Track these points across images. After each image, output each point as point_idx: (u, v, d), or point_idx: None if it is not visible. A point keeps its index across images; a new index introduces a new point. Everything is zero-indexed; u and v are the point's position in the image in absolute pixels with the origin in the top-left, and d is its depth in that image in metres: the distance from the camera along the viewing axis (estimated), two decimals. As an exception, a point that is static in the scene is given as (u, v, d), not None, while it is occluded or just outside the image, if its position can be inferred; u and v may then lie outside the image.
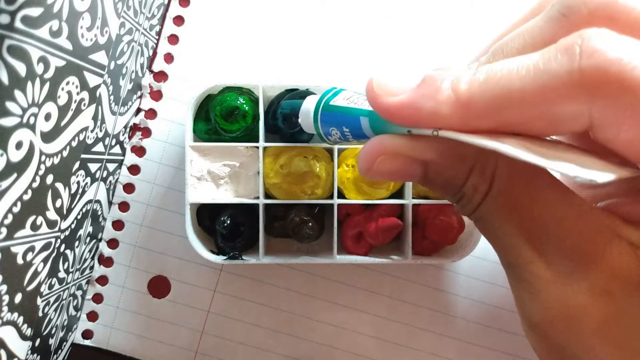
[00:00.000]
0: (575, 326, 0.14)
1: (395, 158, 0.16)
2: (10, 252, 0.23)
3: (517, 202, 0.15)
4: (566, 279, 0.14)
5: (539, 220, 0.14)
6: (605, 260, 0.14)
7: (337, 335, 0.36)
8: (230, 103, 0.31)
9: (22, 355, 0.26)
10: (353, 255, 0.33)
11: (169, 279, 0.35)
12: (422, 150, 0.15)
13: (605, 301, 0.14)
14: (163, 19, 0.36)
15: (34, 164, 0.23)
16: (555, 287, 0.14)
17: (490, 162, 0.15)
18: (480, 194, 0.15)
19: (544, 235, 0.14)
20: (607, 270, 0.14)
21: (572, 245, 0.14)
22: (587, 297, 0.14)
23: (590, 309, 0.14)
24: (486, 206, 0.15)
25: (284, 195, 0.32)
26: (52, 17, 0.21)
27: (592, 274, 0.14)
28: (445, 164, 0.15)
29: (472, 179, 0.15)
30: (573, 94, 0.12)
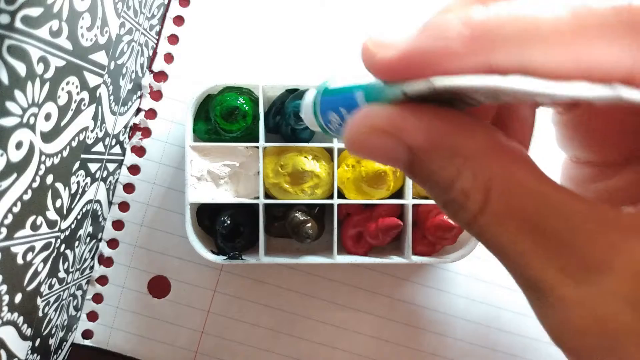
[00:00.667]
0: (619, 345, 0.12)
1: (380, 134, 0.14)
2: (10, 252, 0.23)
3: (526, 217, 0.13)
4: (601, 298, 0.12)
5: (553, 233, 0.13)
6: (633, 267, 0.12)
7: (337, 335, 0.36)
8: (230, 103, 0.31)
9: (22, 355, 0.26)
10: (353, 255, 0.33)
11: (169, 279, 0.35)
12: (408, 131, 0.13)
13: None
14: (163, 19, 0.36)
15: (34, 164, 0.23)
16: (591, 310, 0.12)
17: (485, 167, 0.13)
18: (475, 204, 0.13)
19: (560, 248, 0.13)
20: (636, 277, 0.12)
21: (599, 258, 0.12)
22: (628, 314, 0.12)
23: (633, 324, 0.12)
24: (487, 220, 0.13)
25: (284, 195, 0.32)
26: (52, 17, 0.21)
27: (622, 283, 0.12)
28: (431, 153, 0.13)
29: (461, 182, 0.13)
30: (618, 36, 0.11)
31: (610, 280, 0.12)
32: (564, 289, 0.13)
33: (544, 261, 0.13)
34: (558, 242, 0.13)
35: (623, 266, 0.12)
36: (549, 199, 0.13)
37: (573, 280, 0.13)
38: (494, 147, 0.13)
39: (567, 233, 0.13)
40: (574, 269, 0.13)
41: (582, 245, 0.12)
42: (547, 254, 0.13)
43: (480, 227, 0.13)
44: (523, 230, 0.13)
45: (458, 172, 0.13)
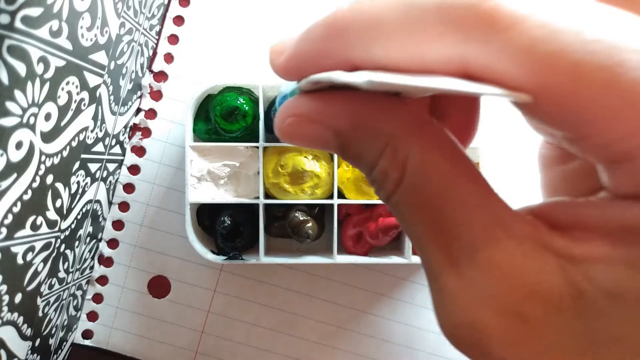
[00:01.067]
0: (484, 347, 0.12)
1: (306, 122, 0.14)
2: (10, 252, 0.23)
3: (430, 199, 0.13)
4: (476, 295, 0.12)
5: (452, 223, 0.13)
6: (522, 276, 0.12)
7: (337, 335, 0.36)
8: (230, 103, 0.31)
9: (22, 355, 0.26)
10: (353, 255, 0.33)
11: (169, 279, 0.35)
12: (332, 115, 0.14)
13: (516, 323, 0.12)
14: (163, 19, 0.36)
15: (34, 164, 0.23)
16: (464, 303, 0.12)
17: (402, 147, 0.13)
18: (391, 182, 0.13)
19: (456, 241, 0.12)
20: (523, 289, 0.12)
21: (486, 257, 0.12)
22: (496, 317, 0.12)
23: (499, 330, 0.12)
24: (398, 198, 0.13)
25: (284, 195, 0.32)
26: (52, 17, 0.21)
27: (503, 292, 0.12)
28: (355, 137, 0.14)
29: (382, 162, 0.13)
30: (442, 32, 0.11)
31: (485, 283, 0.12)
32: (446, 279, 0.13)
33: (435, 247, 0.13)
34: (451, 231, 0.13)
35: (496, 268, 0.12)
36: (453, 186, 0.13)
37: (456, 272, 0.13)
38: (414, 127, 0.13)
39: (460, 224, 0.12)
40: (459, 260, 0.12)
41: (470, 239, 0.12)
42: (439, 240, 0.13)
43: (393, 205, 0.14)
44: (424, 213, 0.13)
45: (380, 152, 0.13)
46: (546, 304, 0.11)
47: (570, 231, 0.12)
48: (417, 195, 0.13)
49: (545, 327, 0.12)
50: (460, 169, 0.13)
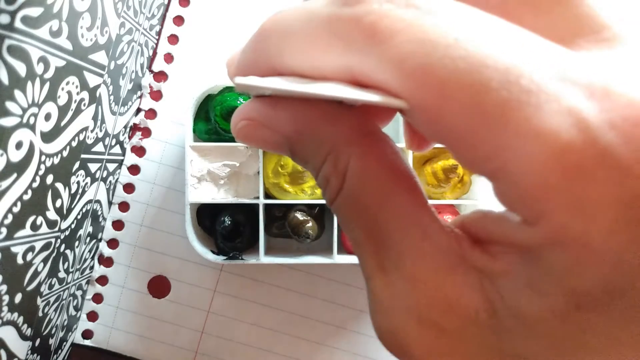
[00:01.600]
0: (407, 354, 0.13)
1: (256, 127, 0.15)
2: (10, 252, 0.23)
3: (366, 209, 0.13)
4: (401, 304, 0.13)
5: (384, 234, 0.13)
6: (443, 290, 0.12)
7: (337, 335, 0.36)
8: (230, 103, 0.31)
9: (22, 355, 0.26)
10: (353, 255, 0.33)
11: (169, 279, 0.35)
12: (278, 121, 0.14)
13: (435, 335, 0.12)
14: (163, 19, 0.36)
15: (34, 164, 0.23)
16: (389, 310, 0.13)
17: (344, 156, 0.13)
18: (332, 189, 0.14)
19: (387, 251, 0.13)
20: (443, 302, 0.12)
21: (411, 269, 0.12)
22: (417, 327, 0.12)
23: (419, 339, 0.12)
24: (338, 204, 0.14)
25: (284, 195, 0.32)
26: (52, 17, 0.21)
27: (423, 303, 0.12)
28: (301, 141, 0.14)
29: (324, 169, 0.14)
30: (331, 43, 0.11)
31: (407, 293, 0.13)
32: (376, 284, 0.13)
33: (369, 253, 0.13)
34: (383, 240, 0.13)
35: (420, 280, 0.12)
36: (388, 197, 0.13)
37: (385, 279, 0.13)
38: (355, 136, 0.14)
39: (391, 234, 0.13)
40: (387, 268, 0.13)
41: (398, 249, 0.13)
42: (372, 247, 0.13)
43: (334, 210, 0.14)
44: (361, 220, 0.13)
45: (323, 159, 0.14)
46: (463, 318, 0.12)
47: (488, 246, 0.12)
48: (354, 203, 0.13)
49: (462, 340, 0.12)
50: (396, 181, 0.13)
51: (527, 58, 0.10)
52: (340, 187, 0.14)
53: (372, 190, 0.13)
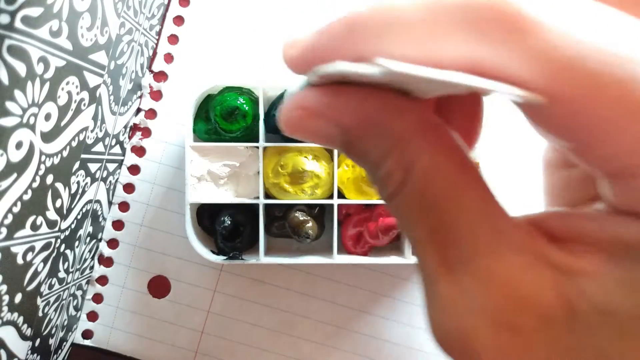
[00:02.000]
0: (472, 356, 0.12)
1: (313, 116, 0.14)
2: (10, 252, 0.23)
3: (432, 204, 0.13)
4: (470, 303, 0.12)
5: (452, 230, 0.12)
6: (517, 287, 0.12)
7: (337, 336, 0.36)
8: (230, 103, 0.31)
9: (22, 355, 0.26)
10: (353, 255, 0.33)
11: (169, 279, 0.35)
12: (339, 111, 0.14)
13: (508, 334, 0.12)
14: (163, 19, 0.36)
15: (34, 164, 0.23)
16: (456, 310, 0.12)
17: (412, 148, 0.13)
18: (394, 184, 0.13)
19: (454, 248, 0.12)
20: (517, 300, 0.12)
21: (482, 266, 0.12)
22: (489, 326, 0.12)
23: (490, 339, 0.12)
24: (400, 201, 0.13)
25: (284, 195, 0.32)
26: (52, 17, 0.21)
27: (498, 302, 0.12)
28: (362, 135, 0.14)
29: (388, 162, 0.13)
30: (460, 31, 0.11)
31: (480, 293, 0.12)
32: (441, 284, 0.13)
33: (433, 252, 0.13)
34: (450, 238, 0.13)
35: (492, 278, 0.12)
36: (457, 193, 0.13)
37: (452, 278, 0.13)
38: (423, 129, 0.13)
39: (460, 231, 0.12)
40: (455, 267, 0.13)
41: (468, 247, 0.12)
42: (438, 245, 0.13)
43: (394, 206, 0.14)
44: (425, 217, 0.13)
45: (386, 152, 0.13)
46: (539, 316, 0.11)
47: (567, 244, 0.12)
48: (419, 199, 0.13)
49: (536, 339, 0.12)
50: (466, 175, 0.13)
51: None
52: (403, 182, 0.13)
53: (441, 186, 0.13)
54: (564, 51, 0.10)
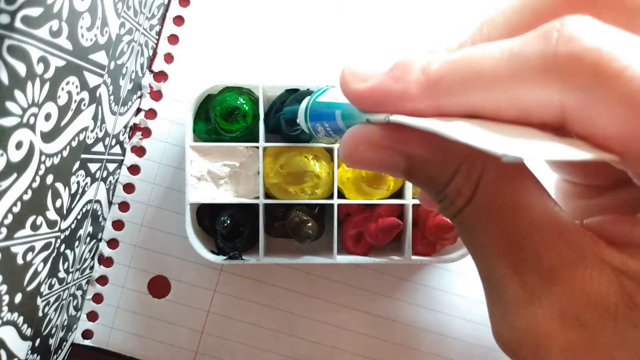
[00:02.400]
0: (542, 351, 0.13)
1: (377, 148, 0.15)
2: (10, 252, 0.23)
3: (499, 212, 0.14)
4: (538, 302, 0.13)
5: (519, 235, 0.13)
6: (582, 285, 0.13)
7: (337, 335, 0.36)
8: (230, 103, 0.31)
9: (22, 355, 0.26)
10: (353, 255, 0.33)
11: (169, 279, 0.35)
12: (406, 142, 0.15)
13: (576, 329, 0.13)
14: (163, 19, 0.36)
15: (34, 164, 0.23)
16: (525, 309, 0.13)
17: (478, 165, 0.14)
18: (463, 198, 0.14)
19: (521, 251, 0.13)
20: (583, 297, 0.13)
21: (549, 266, 0.13)
22: (557, 323, 0.13)
23: (559, 335, 0.13)
24: (468, 213, 0.14)
25: (284, 195, 0.32)
26: (52, 17, 0.21)
27: (566, 299, 0.13)
28: (430, 160, 0.15)
29: (456, 181, 0.14)
30: (545, 80, 0.11)
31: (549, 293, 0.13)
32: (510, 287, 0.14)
33: (501, 258, 0.14)
34: (518, 243, 0.13)
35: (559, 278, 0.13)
36: (522, 201, 0.14)
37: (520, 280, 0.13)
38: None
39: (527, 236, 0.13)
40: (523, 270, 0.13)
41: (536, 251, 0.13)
42: (505, 251, 0.14)
43: (460, 220, 0.15)
44: (493, 226, 0.14)
45: (454, 172, 0.14)
46: (603, 312, 0.12)
47: (626, 247, 0.13)
48: (487, 210, 0.14)
49: (602, 333, 0.12)
50: (528, 184, 0.14)
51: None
52: (472, 196, 0.14)
53: (507, 196, 0.14)
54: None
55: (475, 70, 0.12)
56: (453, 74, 0.13)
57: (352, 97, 0.15)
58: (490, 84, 0.12)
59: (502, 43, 0.12)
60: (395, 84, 0.14)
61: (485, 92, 0.12)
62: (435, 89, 0.13)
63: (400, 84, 0.14)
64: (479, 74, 0.12)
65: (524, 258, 0.13)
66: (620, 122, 0.11)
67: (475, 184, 0.14)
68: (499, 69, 0.12)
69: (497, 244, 0.14)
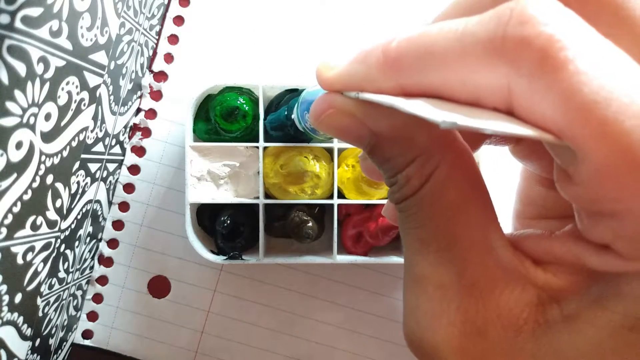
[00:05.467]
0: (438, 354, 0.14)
1: (347, 116, 0.15)
2: (10, 252, 0.23)
3: (439, 213, 0.14)
4: (446, 306, 0.14)
5: (450, 241, 0.14)
6: (497, 300, 0.13)
7: (337, 335, 0.36)
8: (230, 103, 0.31)
9: (22, 355, 0.26)
10: (353, 255, 0.33)
11: (169, 279, 0.35)
12: (374, 118, 0.15)
13: (474, 339, 0.13)
14: (163, 19, 0.36)
15: (34, 164, 0.23)
16: (434, 310, 0.14)
17: (433, 161, 0.14)
18: (410, 188, 0.14)
19: (448, 257, 0.14)
20: (493, 311, 0.13)
21: (470, 278, 0.13)
22: (457, 331, 0.13)
23: (456, 342, 0.13)
24: (411, 203, 0.14)
25: (284, 195, 0.32)
26: (52, 17, 0.21)
27: (473, 311, 0.13)
28: (392, 142, 0.15)
29: (409, 169, 0.14)
30: (492, 63, 0.11)
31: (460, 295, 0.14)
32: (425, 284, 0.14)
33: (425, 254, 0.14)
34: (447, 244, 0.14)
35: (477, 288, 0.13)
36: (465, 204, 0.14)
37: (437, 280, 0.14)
38: (445, 144, 0.14)
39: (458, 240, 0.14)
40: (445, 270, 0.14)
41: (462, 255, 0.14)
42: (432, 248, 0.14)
43: (403, 207, 0.15)
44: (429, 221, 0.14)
45: (411, 160, 0.14)
46: (508, 326, 0.13)
47: (549, 265, 0.14)
48: (429, 206, 0.14)
49: (499, 345, 0.13)
50: (475, 192, 0.14)
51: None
52: (418, 188, 0.14)
53: (451, 198, 0.14)
54: (586, 94, 0.10)
55: (428, 48, 0.12)
56: (411, 52, 0.13)
57: (325, 85, 0.15)
58: (441, 63, 0.12)
59: (458, 21, 0.12)
60: (358, 67, 0.14)
61: (438, 71, 0.12)
62: (394, 68, 0.13)
63: (362, 66, 0.14)
64: (432, 52, 0.12)
65: (448, 260, 0.14)
66: (560, 115, 0.10)
67: (425, 178, 0.14)
68: (450, 48, 0.12)
69: (427, 243, 0.14)
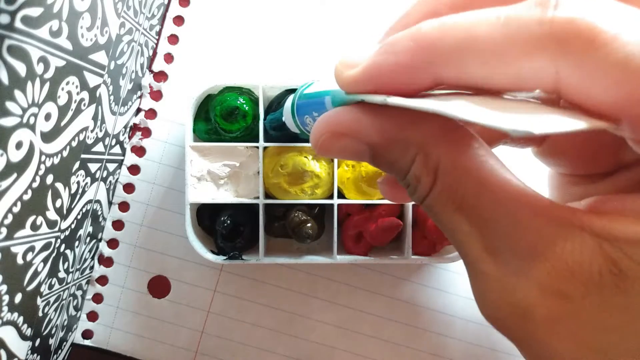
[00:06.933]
0: (527, 324, 0.13)
1: (340, 137, 0.15)
2: (10, 252, 0.23)
3: (464, 199, 0.14)
4: (515, 278, 0.13)
5: (489, 218, 0.13)
6: (562, 258, 0.12)
7: (337, 335, 0.36)
8: (230, 103, 0.31)
9: (22, 355, 0.26)
10: (353, 255, 0.33)
11: (169, 279, 0.35)
12: (365, 132, 0.15)
13: (558, 301, 0.13)
14: (163, 19, 0.36)
15: (34, 164, 0.23)
16: (502, 286, 0.13)
17: (433, 154, 0.14)
18: (424, 186, 0.14)
19: (494, 232, 0.13)
20: (563, 269, 0.12)
21: (526, 245, 0.13)
22: (537, 296, 0.13)
23: (541, 308, 0.13)
24: (432, 200, 0.14)
25: (284, 195, 0.32)
26: (52, 17, 0.21)
27: (543, 273, 0.13)
28: (387, 148, 0.15)
29: (414, 169, 0.14)
30: (540, 46, 0.11)
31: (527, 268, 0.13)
32: (486, 266, 0.14)
33: (472, 240, 0.14)
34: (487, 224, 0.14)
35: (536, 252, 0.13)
36: (484, 184, 0.14)
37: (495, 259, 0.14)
38: (442, 134, 0.14)
39: (494, 217, 0.13)
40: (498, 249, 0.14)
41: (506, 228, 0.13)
42: (476, 233, 0.14)
43: (427, 206, 0.15)
44: (459, 211, 0.14)
45: (412, 160, 0.14)
46: (587, 282, 0.12)
47: (606, 215, 0.13)
48: (450, 196, 0.14)
49: (587, 304, 0.12)
50: (488, 167, 0.14)
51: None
52: (432, 183, 0.14)
53: (468, 181, 0.14)
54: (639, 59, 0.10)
55: (469, 35, 0.12)
56: (446, 39, 0.12)
57: (347, 85, 0.15)
58: (484, 50, 0.12)
59: (498, 9, 0.12)
60: (385, 59, 0.14)
61: (478, 59, 0.12)
62: (430, 56, 0.13)
63: (391, 57, 0.13)
64: (474, 39, 0.12)
65: (498, 239, 0.13)
66: (617, 87, 0.11)
67: (434, 172, 0.14)
68: (495, 35, 0.12)
69: (469, 228, 0.14)
